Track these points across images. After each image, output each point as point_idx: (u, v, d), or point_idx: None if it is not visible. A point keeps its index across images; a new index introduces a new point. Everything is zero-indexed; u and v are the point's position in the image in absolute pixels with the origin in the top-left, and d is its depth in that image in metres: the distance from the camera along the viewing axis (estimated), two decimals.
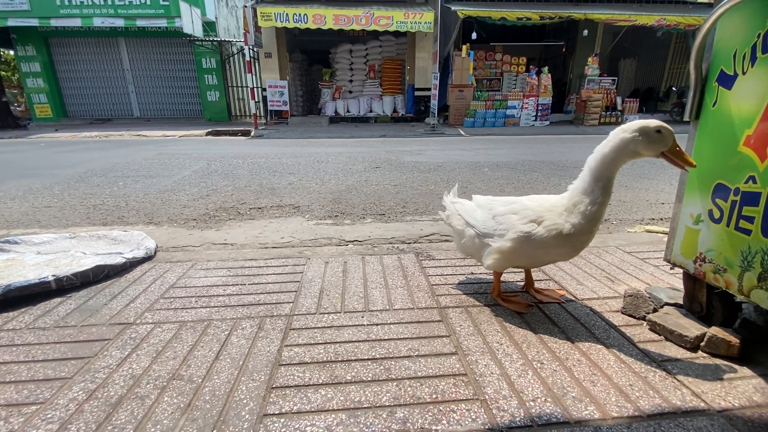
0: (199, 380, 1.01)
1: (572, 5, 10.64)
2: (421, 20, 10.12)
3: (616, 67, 13.09)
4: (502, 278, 1.56)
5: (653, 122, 1.06)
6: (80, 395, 0.96)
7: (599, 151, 1.12)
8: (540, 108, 10.64)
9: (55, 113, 12.19)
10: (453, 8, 9.90)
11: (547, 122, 10.80)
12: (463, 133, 9.13)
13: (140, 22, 10.60)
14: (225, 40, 12.34)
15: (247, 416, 0.89)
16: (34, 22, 10.44)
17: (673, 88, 11.83)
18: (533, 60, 12.52)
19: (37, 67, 11.75)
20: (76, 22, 10.45)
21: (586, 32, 11.04)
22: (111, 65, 12.36)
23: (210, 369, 1.05)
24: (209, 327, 1.26)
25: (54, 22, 10.47)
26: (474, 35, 10.17)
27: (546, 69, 10.87)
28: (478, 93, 10.56)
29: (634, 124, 1.07)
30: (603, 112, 10.34)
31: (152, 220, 2.63)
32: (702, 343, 1.10)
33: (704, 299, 1.18)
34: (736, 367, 1.04)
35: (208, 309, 1.37)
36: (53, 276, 1.49)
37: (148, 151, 6.34)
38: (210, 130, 9.70)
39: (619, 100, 10.81)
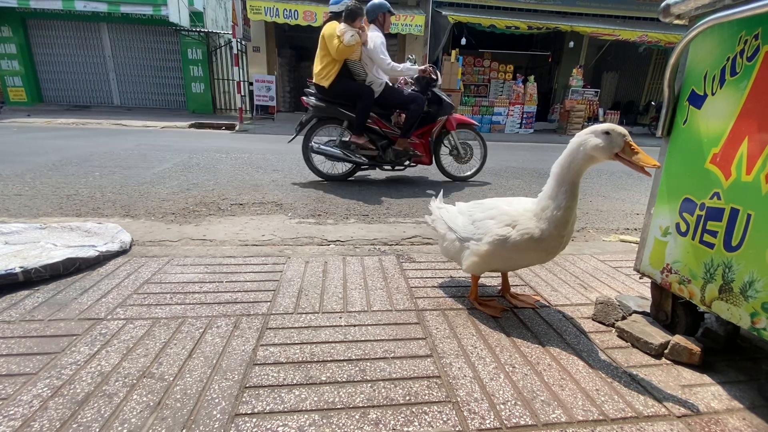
0: (171, 378, 0.99)
1: (559, 17, 10.89)
2: (412, 23, 10.18)
3: (599, 80, 13.45)
4: (480, 282, 1.59)
5: (603, 125, 1.10)
6: (45, 392, 0.93)
7: (560, 157, 1.16)
8: (525, 116, 10.84)
9: (29, 97, 11.72)
10: (444, 13, 10.01)
11: (531, 130, 11.01)
12: None
13: (124, 8, 10.30)
14: (212, 32, 12.10)
15: (218, 416, 0.88)
16: (12, 3, 10.02)
17: (652, 103, 12.26)
18: (520, 68, 12.74)
19: (13, 48, 11.28)
20: (57, 5, 10.08)
21: (572, 44, 11.32)
22: (91, 51, 11.95)
23: (182, 367, 1.04)
24: (183, 324, 1.23)
25: (33, 4, 10.07)
26: (464, 41, 10.29)
27: (532, 78, 11.09)
28: (465, 98, 10.68)
29: (587, 129, 1.12)
30: (585, 123, 10.64)
31: (129, 212, 2.56)
32: (666, 351, 1.15)
33: (669, 308, 1.23)
34: (697, 374, 1.09)
35: (183, 306, 1.35)
36: (21, 268, 1.44)
37: (128, 141, 6.17)
38: (193, 122, 9.48)
39: (601, 111, 11.19)
